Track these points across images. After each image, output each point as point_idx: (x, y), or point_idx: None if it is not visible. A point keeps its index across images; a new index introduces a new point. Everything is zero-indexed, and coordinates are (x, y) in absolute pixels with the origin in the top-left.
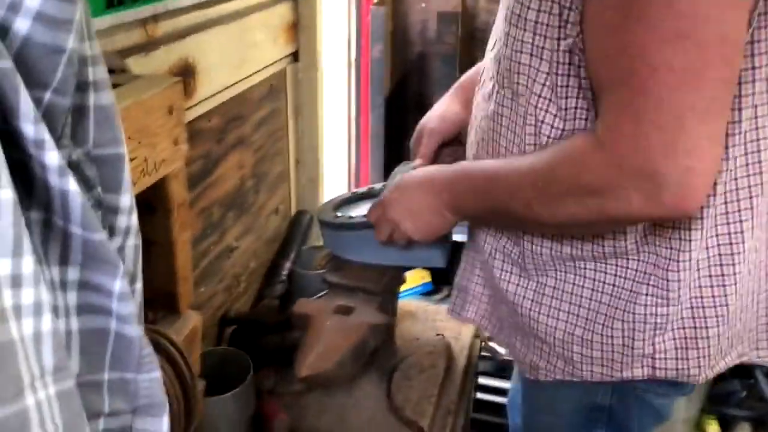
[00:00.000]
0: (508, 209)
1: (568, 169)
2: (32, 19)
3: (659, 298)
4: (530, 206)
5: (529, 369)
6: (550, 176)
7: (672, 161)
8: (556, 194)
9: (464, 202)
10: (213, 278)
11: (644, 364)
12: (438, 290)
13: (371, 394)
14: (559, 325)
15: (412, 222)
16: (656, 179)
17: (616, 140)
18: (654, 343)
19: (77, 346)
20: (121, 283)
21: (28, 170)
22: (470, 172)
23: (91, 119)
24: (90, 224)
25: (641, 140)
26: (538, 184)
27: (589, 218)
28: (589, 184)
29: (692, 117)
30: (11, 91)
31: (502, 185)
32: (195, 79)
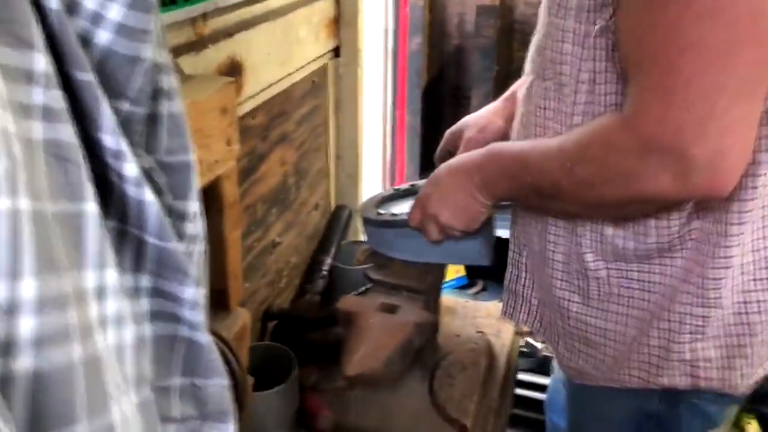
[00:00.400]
0: (538, 190)
1: (597, 150)
2: (113, 30)
3: (697, 297)
4: (559, 187)
5: (576, 374)
6: (579, 156)
7: (701, 142)
8: (585, 175)
9: (495, 184)
10: (256, 273)
11: (684, 371)
12: (473, 284)
13: (414, 391)
14: (609, 326)
15: (449, 210)
16: (685, 160)
17: (645, 120)
18: (695, 349)
19: (150, 352)
20: (192, 291)
21: (104, 180)
22: (500, 154)
23: (164, 127)
24: (164, 233)
25: (670, 121)
26: (567, 164)
27: (618, 199)
28: (618, 164)
29: (723, 97)
30: (93, 103)
31: (531, 166)
32: (242, 77)
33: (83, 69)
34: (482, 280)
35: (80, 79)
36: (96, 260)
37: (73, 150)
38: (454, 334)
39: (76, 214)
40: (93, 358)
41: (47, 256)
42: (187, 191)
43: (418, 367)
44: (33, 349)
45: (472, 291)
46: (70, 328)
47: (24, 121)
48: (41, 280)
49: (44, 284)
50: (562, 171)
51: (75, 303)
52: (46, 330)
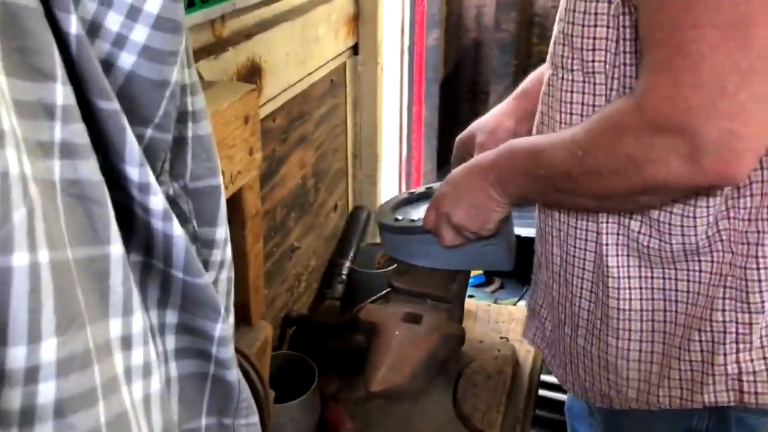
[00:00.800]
0: (552, 184)
1: (608, 135)
2: (138, 53)
3: (739, 302)
4: (571, 178)
5: (600, 398)
6: (590, 144)
7: (712, 123)
8: (595, 164)
9: (509, 181)
10: (276, 280)
11: (730, 387)
12: (490, 282)
13: (437, 401)
14: (632, 346)
15: (463, 210)
16: (695, 142)
17: (654, 101)
18: (739, 360)
19: (176, 393)
20: (222, 327)
21: (127, 211)
22: (514, 150)
23: (189, 151)
24: (192, 268)
25: (680, 101)
26: (578, 153)
27: (630, 188)
28: (628, 149)
29: (735, 77)
30: (118, 134)
31: (544, 159)
32: (261, 79)
33: (107, 97)
34: (500, 278)
35: (103, 108)
36: (121, 307)
37: (96, 188)
38: (476, 340)
39: (101, 258)
40: (119, 417)
41: (69, 311)
42: (215, 217)
43: (441, 376)
44: (54, 417)
45: (491, 289)
46: (95, 388)
47: (42, 161)
48: (62, 339)
49: (66, 343)
50: (573, 161)
51: (99, 358)
52: (69, 394)
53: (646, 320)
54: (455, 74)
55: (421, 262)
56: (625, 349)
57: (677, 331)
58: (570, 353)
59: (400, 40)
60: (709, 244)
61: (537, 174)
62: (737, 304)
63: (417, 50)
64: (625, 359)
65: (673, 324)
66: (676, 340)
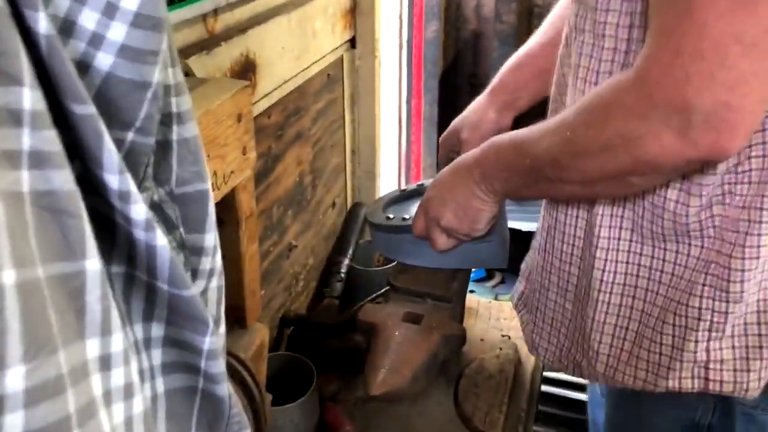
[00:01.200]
0: (538, 174)
1: (598, 112)
2: (116, 53)
3: (718, 290)
4: (559, 164)
5: (573, 367)
6: (580, 122)
7: (708, 94)
8: (585, 142)
9: (494, 177)
10: (273, 279)
11: (696, 374)
12: (491, 276)
13: (438, 402)
14: (608, 320)
15: (451, 212)
16: (688, 112)
17: (651, 69)
18: (709, 348)
19: (163, 409)
20: (210, 340)
21: (108, 220)
22: (497, 144)
23: (174, 155)
24: (178, 279)
25: (677, 69)
26: (567, 134)
27: (619, 168)
28: (619, 124)
29: (737, 48)
30: (94, 139)
31: (528, 148)
32: (256, 75)
33: (81, 101)
34: (500, 272)
35: (78, 113)
36: (99, 326)
37: (70, 199)
38: (477, 338)
39: (76, 274)
40: None
41: (39, 335)
42: (203, 223)
43: (442, 375)
44: None
45: (491, 283)
46: (69, 416)
47: (8, 172)
48: (31, 366)
49: (35, 370)
50: (561, 143)
51: (74, 382)
52: (39, 424)
53: (626, 295)
54: (454, 67)
55: (414, 261)
56: (600, 321)
57: (654, 311)
58: (554, 318)
59: (399, 33)
60: (701, 228)
61: (522, 166)
62: (716, 292)
63: (415, 43)
64: (599, 332)
65: (651, 304)
66: (651, 320)
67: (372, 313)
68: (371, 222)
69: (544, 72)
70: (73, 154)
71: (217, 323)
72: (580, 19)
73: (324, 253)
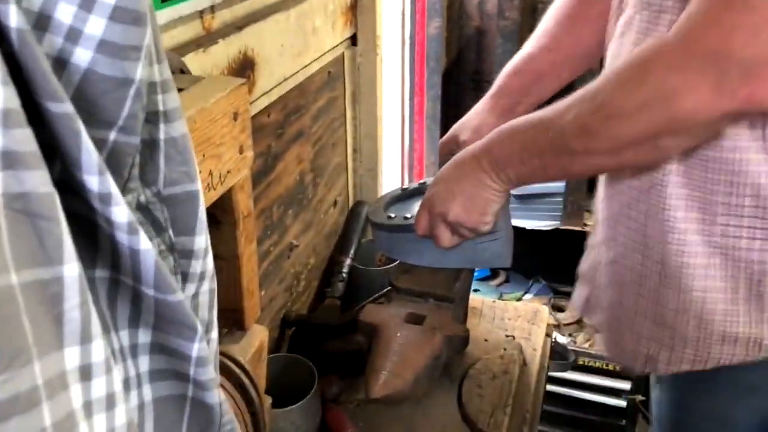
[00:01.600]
0: (561, 148)
1: (635, 70)
2: (94, 49)
3: None
4: (587, 131)
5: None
6: (613, 85)
7: (752, 46)
8: (619, 103)
9: (507, 162)
10: (273, 279)
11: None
12: (495, 275)
13: (441, 403)
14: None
15: (458, 205)
16: (728, 63)
17: (697, 23)
18: None
19: (151, 418)
20: (199, 346)
21: (91, 223)
22: (511, 127)
23: (162, 154)
24: (164, 285)
25: (725, 21)
26: (597, 98)
27: (654, 126)
28: (656, 79)
29: None
30: (71, 139)
31: (554, 122)
32: (254, 73)
33: (57, 99)
34: (505, 271)
35: (53, 111)
36: (78, 334)
37: (45, 202)
38: (481, 339)
39: (53, 280)
40: None
41: (11, 345)
42: (193, 225)
43: (445, 376)
44: None
45: (495, 282)
46: (44, 430)
47: None
48: (2, 378)
49: (6, 383)
50: (591, 109)
51: (51, 395)
52: None
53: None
54: (457, 64)
55: (416, 261)
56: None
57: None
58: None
59: (401, 29)
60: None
61: (542, 142)
62: None
63: (418, 40)
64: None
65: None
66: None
67: (374, 313)
68: (373, 221)
69: (543, 77)
70: (52, 155)
71: (208, 328)
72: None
73: (325, 252)
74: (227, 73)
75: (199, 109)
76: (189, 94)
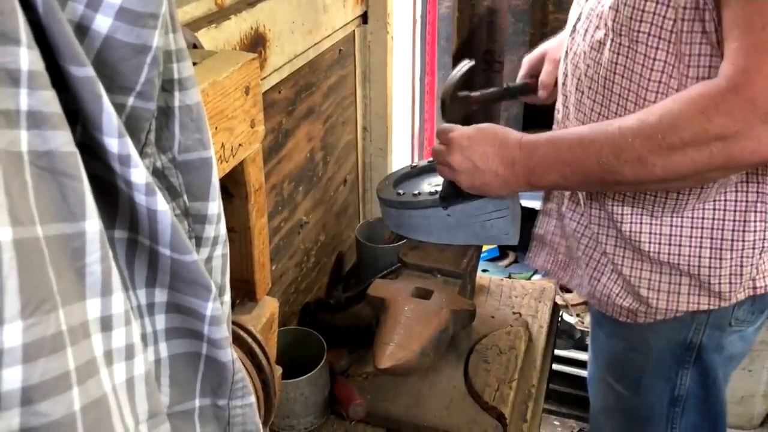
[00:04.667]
0: (612, 173)
1: (694, 116)
2: (114, 16)
3: None
4: (643, 162)
5: (627, 313)
6: (672, 126)
7: None
8: (678, 144)
9: (545, 175)
10: (284, 254)
11: (747, 287)
12: (504, 255)
13: (448, 376)
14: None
15: (468, 177)
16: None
17: (752, 81)
18: (758, 264)
19: (167, 374)
20: (213, 306)
21: (110, 185)
22: (556, 143)
23: (177, 121)
24: (180, 245)
25: None
26: (657, 136)
27: (711, 165)
28: (719, 127)
29: None
30: (93, 102)
31: (603, 150)
32: (266, 49)
33: (80, 63)
34: (514, 252)
35: (76, 75)
36: (100, 287)
37: (69, 160)
38: (488, 316)
39: (76, 235)
40: (97, 402)
41: (37, 292)
42: (206, 191)
43: (452, 351)
44: (21, 404)
45: (504, 263)
46: (68, 373)
47: (7, 132)
48: (29, 322)
49: (33, 326)
50: (648, 144)
51: (74, 341)
52: (37, 380)
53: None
54: (469, 44)
55: (423, 237)
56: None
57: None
58: (603, 268)
59: (412, 8)
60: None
61: (590, 165)
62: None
63: (429, 19)
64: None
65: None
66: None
67: (382, 288)
68: (382, 197)
69: None
70: (74, 120)
71: (222, 291)
72: (616, 24)
73: (335, 230)
74: (239, 49)
75: (211, 82)
76: (201, 67)
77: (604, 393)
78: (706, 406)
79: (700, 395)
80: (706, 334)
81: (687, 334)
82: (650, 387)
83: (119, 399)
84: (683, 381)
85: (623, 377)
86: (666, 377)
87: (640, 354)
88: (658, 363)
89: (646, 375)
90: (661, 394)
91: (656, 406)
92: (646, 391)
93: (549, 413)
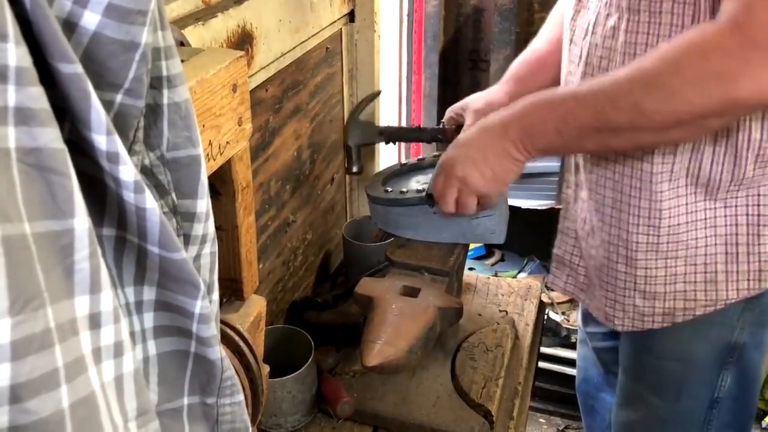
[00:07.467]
0: (607, 122)
1: (695, 57)
2: (102, 12)
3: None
4: (639, 108)
5: (663, 318)
6: (669, 67)
7: None
8: (678, 86)
9: (540, 134)
10: (271, 253)
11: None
12: (491, 254)
13: (435, 375)
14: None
15: (478, 171)
16: None
17: (755, 20)
18: None
19: (155, 372)
20: (202, 304)
21: (99, 182)
22: (548, 99)
23: (165, 119)
24: (169, 243)
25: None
26: (653, 79)
27: (708, 107)
28: (718, 66)
29: None
30: (81, 99)
31: (597, 99)
32: (253, 47)
33: (68, 60)
34: (500, 250)
35: (64, 72)
36: (88, 284)
37: (57, 157)
38: (475, 313)
39: (63, 232)
40: (85, 400)
41: (25, 290)
42: (195, 189)
43: (439, 349)
44: (10, 402)
45: (491, 261)
46: (56, 370)
47: None
48: (17, 319)
49: (21, 324)
50: (645, 89)
51: (62, 338)
52: (25, 377)
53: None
54: (455, 42)
55: (410, 234)
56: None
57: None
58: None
59: (399, 6)
60: None
61: (584, 117)
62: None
63: (416, 18)
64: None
65: None
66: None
67: (369, 286)
68: (370, 195)
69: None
70: (62, 117)
71: (210, 289)
72: (633, 2)
73: (322, 228)
74: (226, 47)
75: (198, 79)
76: (189, 65)
77: (636, 407)
78: (741, 405)
79: (737, 395)
80: (749, 332)
81: (730, 335)
82: (690, 393)
83: (108, 397)
84: (724, 382)
85: (661, 388)
86: (707, 381)
87: (678, 362)
88: (700, 368)
89: (687, 382)
90: (701, 399)
91: (696, 410)
92: (686, 397)
93: (535, 411)
